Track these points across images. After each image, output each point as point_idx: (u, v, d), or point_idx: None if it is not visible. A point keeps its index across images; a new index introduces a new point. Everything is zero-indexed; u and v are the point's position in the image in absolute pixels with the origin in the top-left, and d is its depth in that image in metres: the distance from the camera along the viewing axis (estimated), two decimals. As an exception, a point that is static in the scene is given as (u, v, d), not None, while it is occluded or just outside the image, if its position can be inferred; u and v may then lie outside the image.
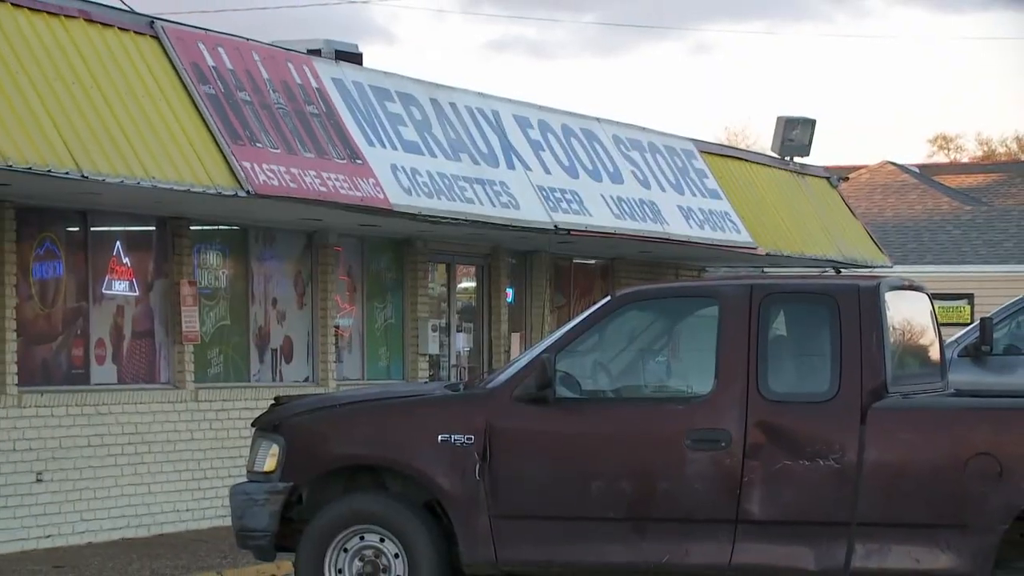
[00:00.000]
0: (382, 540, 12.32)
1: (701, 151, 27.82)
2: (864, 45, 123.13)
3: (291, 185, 18.15)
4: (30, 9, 15.91)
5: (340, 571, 12.36)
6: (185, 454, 19.20)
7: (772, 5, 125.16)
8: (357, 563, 12.36)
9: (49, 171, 15.30)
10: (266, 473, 12.62)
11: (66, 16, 16.36)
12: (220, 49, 18.32)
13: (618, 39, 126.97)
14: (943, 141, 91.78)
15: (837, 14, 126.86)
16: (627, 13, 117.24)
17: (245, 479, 12.94)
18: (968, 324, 30.60)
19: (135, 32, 17.26)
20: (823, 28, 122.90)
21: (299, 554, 12.46)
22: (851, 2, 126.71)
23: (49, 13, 16.15)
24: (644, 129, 26.63)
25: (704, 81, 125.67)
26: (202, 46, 18.07)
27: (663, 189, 25.74)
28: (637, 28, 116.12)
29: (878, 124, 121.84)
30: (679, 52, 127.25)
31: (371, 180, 19.48)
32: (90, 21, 16.66)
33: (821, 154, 33.10)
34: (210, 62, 18.00)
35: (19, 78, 15.36)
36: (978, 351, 21.69)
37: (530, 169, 22.71)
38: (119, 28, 17.05)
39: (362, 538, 12.35)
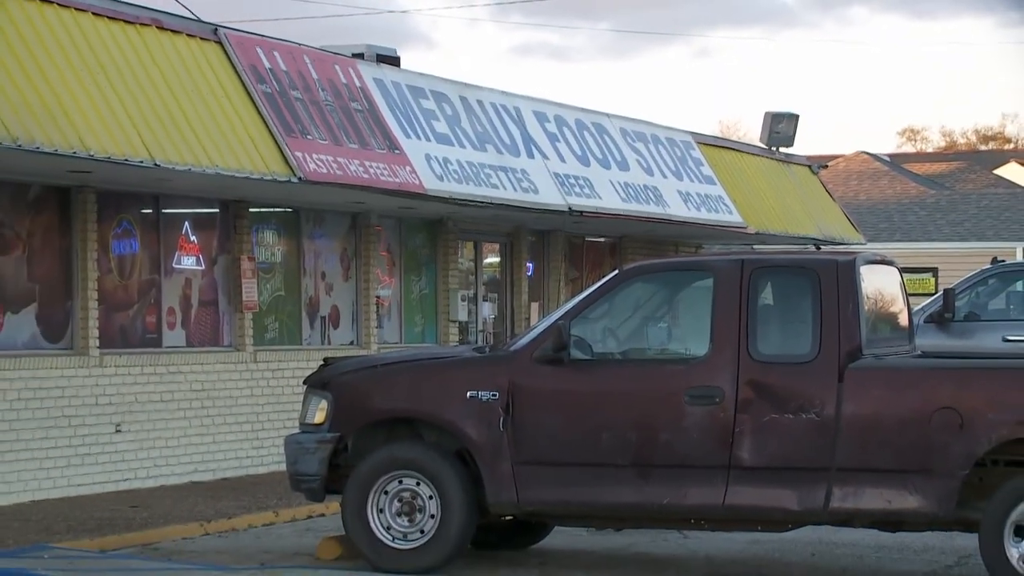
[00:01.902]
0: (418, 483, 12.33)
1: (698, 142, 27.82)
2: (847, 49, 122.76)
3: (337, 172, 18.16)
4: (109, 18, 15.92)
5: (381, 511, 12.37)
6: (245, 408, 19.22)
7: (767, 14, 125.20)
8: (396, 503, 12.37)
9: (126, 160, 15.32)
10: (316, 425, 12.64)
11: (141, 24, 16.36)
12: (275, 53, 18.32)
13: (630, 44, 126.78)
14: (911, 133, 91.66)
15: (825, 21, 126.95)
16: (638, 21, 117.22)
17: (298, 430, 12.96)
18: (933, 294, 30.56)
19: (201, 38, 17.27)
20: (812, 34, 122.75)
21: (345, 496, 12.48)
22: (838, 11, 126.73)
23: (126, 21, 16.16)
24: (648, 123, 26.64)
25: (703, 81, 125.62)
26: (259, 50, 18.07)
27: (664, 176, 25.73)
28: (647, 35, 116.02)
29: (854, 118, 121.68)
30: (683, 56, 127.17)
31: (408, 168, 19.47)
32: (161, 28, 16.66)
33: (804, 145, 33.07)
34: (266, 64, 18.01)
35: (99, 79, 15.37)
36: (942, 318, 21.67)
37: (547, 158, 22.71)
38: (187, 35, 17.06)
39: (400, 482, 12.36)
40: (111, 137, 15.15)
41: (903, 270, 13.61)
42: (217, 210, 19.30)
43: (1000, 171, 55.61)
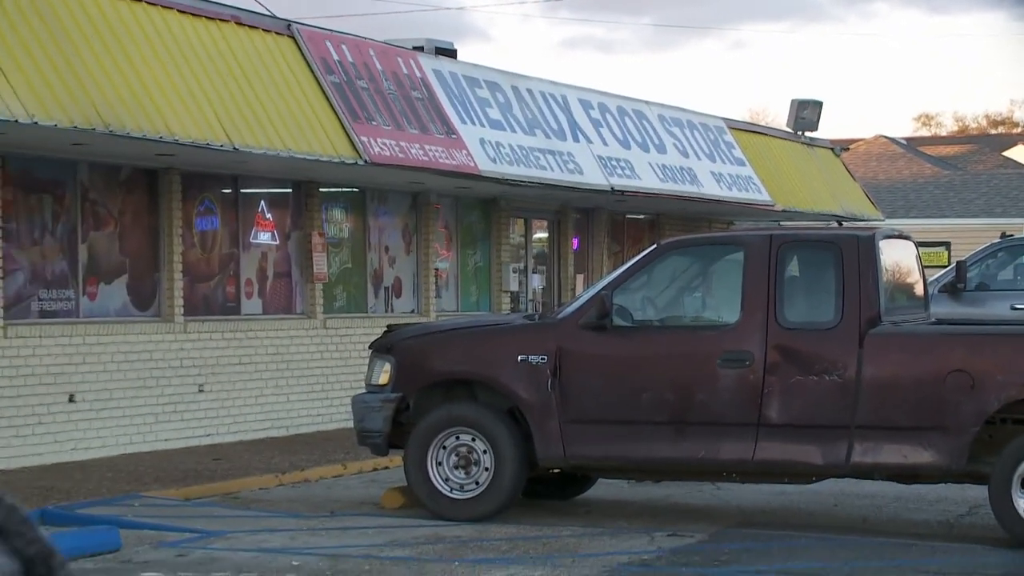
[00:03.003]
0: (473, 439, 12.35)
1: (730, 127, 27.71)
2: (868, 41, 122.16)
3: (400, 155, 18.16)
4: (193, 15, 15.95)
5: (440, 464, 12.39)
6: (316, 370, 19.28)
7: (796, 8, 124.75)
8: (453, 457, 12.39)
9: (207, 144, 15.37)
10: (381, 386, 12.67)
11: (221, 20, 16.40)
12: (343, 46, 18.33)
13: (670, 38, 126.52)
14: (926, 119, 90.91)
15: (849, 16, 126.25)
16: (678, 16, 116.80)
17: (364, 390, 12.99)
18: (946, 266, 30.37)
19: (276, 33, 17.29)
20: (836, 27, 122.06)
21: (407, 450, 12.51)
22: (861, 6, 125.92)
23: (208, 18, 16.19)
24: (684, 110, 26.54)
25: (735, 71, 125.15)
26: (329, 44, 18.08)
27: (699, 158, 25.64)
28: (686, 28, 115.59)
29: (873, 105, 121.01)
30: (719, 48, 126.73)
31: (464, 151, 19.46)
32: (240, 24, 16.69)
33: (827, 129, 32.87)
34: (335, 57, 18.01)
35: (183, 70, 15.41)
36: (954, 288, 21.55)
37: (591, 142, 22.66)
38: (263, 30, 17.08)
39: (458, 438, 12.38)
40: (194, 123, 15.21)
41: (918, 244, 13.53)
42: (290, 190, 19.34)
43: (1008, 153, 55.25)
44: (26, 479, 13.89)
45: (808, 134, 30.63)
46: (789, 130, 30.58)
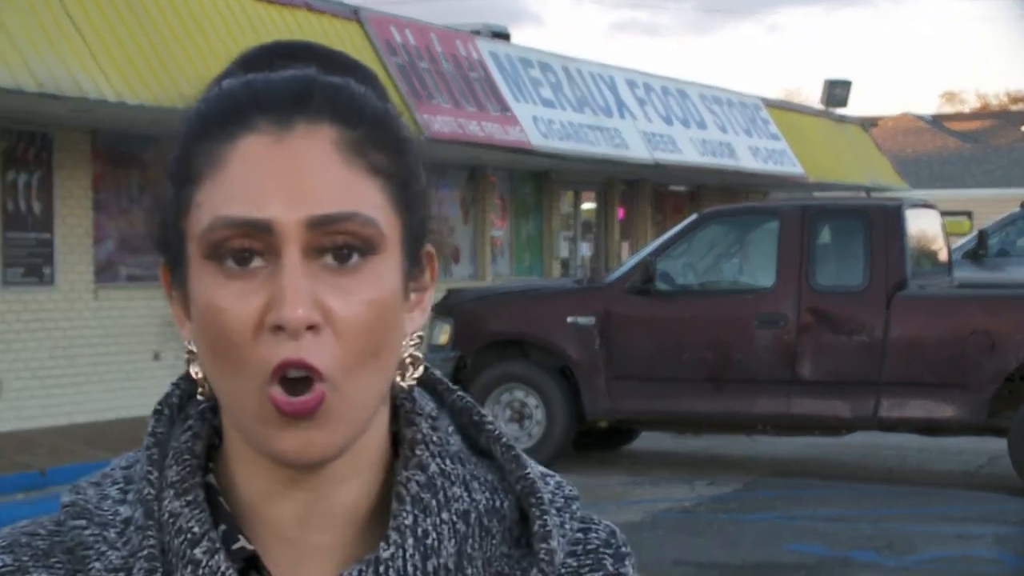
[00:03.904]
0: (526, 395, 12.37)
1: (766, 105, 27.58)
2: (896, 23, 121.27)
3: (458, 132, 18.16)
4: (267, 2, 15.97)
5: (495, 418, 12.40)
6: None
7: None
8: (508, 411, 12.42)
9: (280, 122, 15.39)
10: (441, 345, 12.70)
11: (293, 6, 16.41)
12: (406, 30, 18.32)
13: (711, 21, 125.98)
14: (950, 96, 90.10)
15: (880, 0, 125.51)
16: (719, 1, 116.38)
17: (425, 350, 13.03)
18: (968, 234, 30.16)
19: (343, 18, 17.30)
20: (867, 10, 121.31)
21: (465, 405, 12.54)
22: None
23: (281, 4, 16.21)
24: (723, 89, 26.42)
25: (771, 52, 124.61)
26: (393, 28, 18.07)
27: (737, 134, 25.53)
28: (726, 12, 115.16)
29: (901, 83, 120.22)
30: (757, 31, 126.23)
31: (518, 128, 19.43)
32: (311, 10, 16.70)
33: (856, 107, 32.71)
34: (398, 40, 18.01)
35: (258, 53, 15.43)
36: (976, 254, 21.37)
37: (636, 119, 22.59)
38: (331, 15, 17.09)
39: (512, 394, 12.41)
40: (268, 103, 15.25)
41: (942, 213, 13.44)
42: (357, 164, 19.38)
43: (1027, 128, 54.68)
44: (115, 430, 14.01)
45: (839, 111, 30.45)
46: (821, 107, 30.41)
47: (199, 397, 1.25)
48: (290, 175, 1.13)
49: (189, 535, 1.18)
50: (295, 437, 1.13)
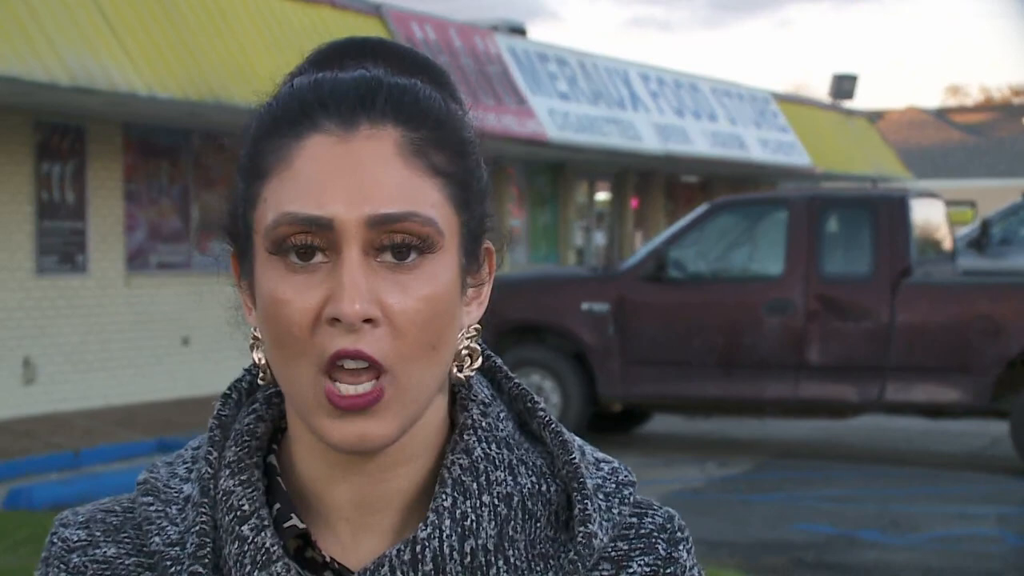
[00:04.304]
0: (542, 379, 12.37)
1: (775, 98, 27.52)
2: (903, 20, 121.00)
3: (476, 124, 18.13)
4: (291, -1, 16.01)
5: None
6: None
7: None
8: (525, 395, 12.43)
9: (305, 115, 15.40)
10: (460, 331, 12.70)
11: (317, 4, 16.41)
12: (427, 26, 18.32)
13: (724, 17, 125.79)
14: (954, 90, 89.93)
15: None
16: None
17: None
18: (972, 223, 30.08)
19: (366, 14, 17.30)
20: (874, 6, 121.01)
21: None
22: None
23: (305, 2, 16.22)
24: (734, 83, 26.38)
25: (781, 48, 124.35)
26: (414, 24, 18.07)
27: (747, 126, 25.49)
28: (738, 8, 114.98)
29: (906, 77, 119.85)
30: (767, 26, 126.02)
31: (534, 120, 19.42)
32: (334, 7, 16.70)
33: (863, 100, 32.67)
34: (419, 35, 18.01)
35: (283, 47, 15.44)
36: (979, 243, 21.32)
37: (649, 112, 22.56)
38: (355, 11, 17.09)
39: (528, 378, 12.40)
40: (293, 96, 15.26)
41: (946, 203, 13.41)
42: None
43: (1029, 121, 54.50)
44: (145, 413, 14.06)
45: (846, 104, 30.37)
46: (829, 101, 30.32)
47: (260, 382, 1.27)
48: (352, 175, 1.15)
49: (239, 512, 1.20)
50: (350, 428, 1.15)
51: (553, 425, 1.28)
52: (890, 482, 11.04)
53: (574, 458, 1.25)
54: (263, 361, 1.24)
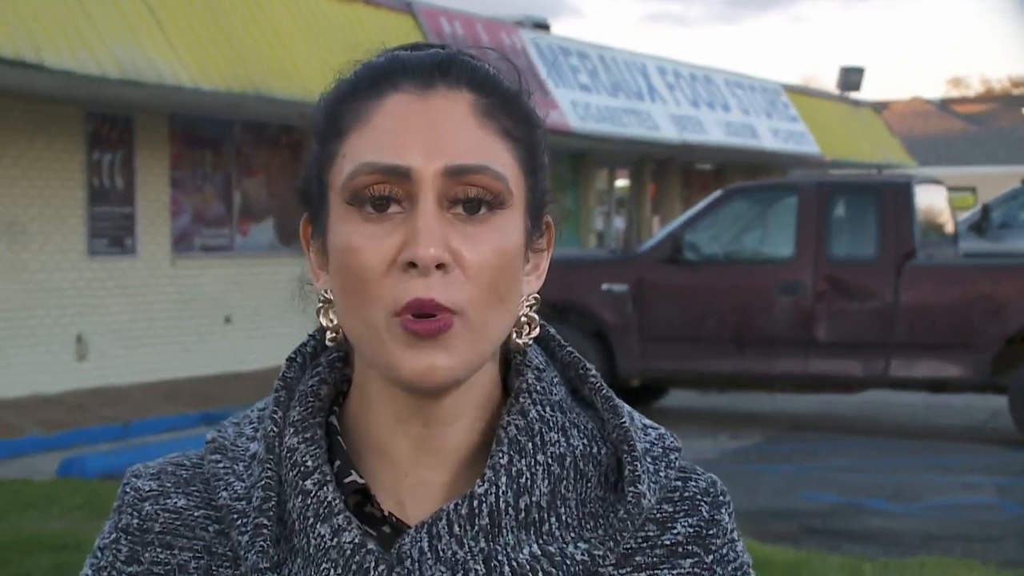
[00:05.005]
0: (565, 355, 12.37)
1: (785, 90, 27.41)
2: (908, 15, 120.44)
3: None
4: (326, -4, 16.01)
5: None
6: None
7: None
8: (548, 371, 12.43)
9: (340, 106, 15.40)
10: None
11: (351, 1, 16.40)
12: (455, 21, 18.29)
13: (737, 12, 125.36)
14: (956, 81, 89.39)
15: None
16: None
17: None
18: (973, 208, 29.94)
19: (397, 10, 17.28)
20: (881, 2, 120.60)
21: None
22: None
23: (339, -2, 16.24)
24: (747, 76, 26.28)
25: (793, 42, 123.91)
26: (443, 19, 18.04)
27: (758, 116, 25.39)
28: (752, 4, 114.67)
29: (910, 68, 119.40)
30: (780, 21, 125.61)
31: (557, 111, 19.39)
32: (367, 3, 16.69)
33: (869, 91, 32.52)
34: (447, 30, 17.98)
35: (320, 42, 15.44)
36: (980, 227, 21.22)
37: (666, 103, 22.49)
38: (387, 8, 17.07)
39: (552, 354, 12.40)
40: (322, 90, 15.24)
41: (948, 189, 13.34)
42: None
43: (1028, 111, 54.17)
44: (190, 387, 14.11)
45: (853, 96, 30.24)
46: (837, 92, 30.20)
47: (328, 344, 1.27)
48: (430, 128, 1.15)
49: (302, 468, 1.20)
50: (420, 359, 1.13)
51: (604, 391, 1.29)
52: (894, 453, 11.01)
53: (624, 422, 1.25)
54: (334, 322, 1.24)
